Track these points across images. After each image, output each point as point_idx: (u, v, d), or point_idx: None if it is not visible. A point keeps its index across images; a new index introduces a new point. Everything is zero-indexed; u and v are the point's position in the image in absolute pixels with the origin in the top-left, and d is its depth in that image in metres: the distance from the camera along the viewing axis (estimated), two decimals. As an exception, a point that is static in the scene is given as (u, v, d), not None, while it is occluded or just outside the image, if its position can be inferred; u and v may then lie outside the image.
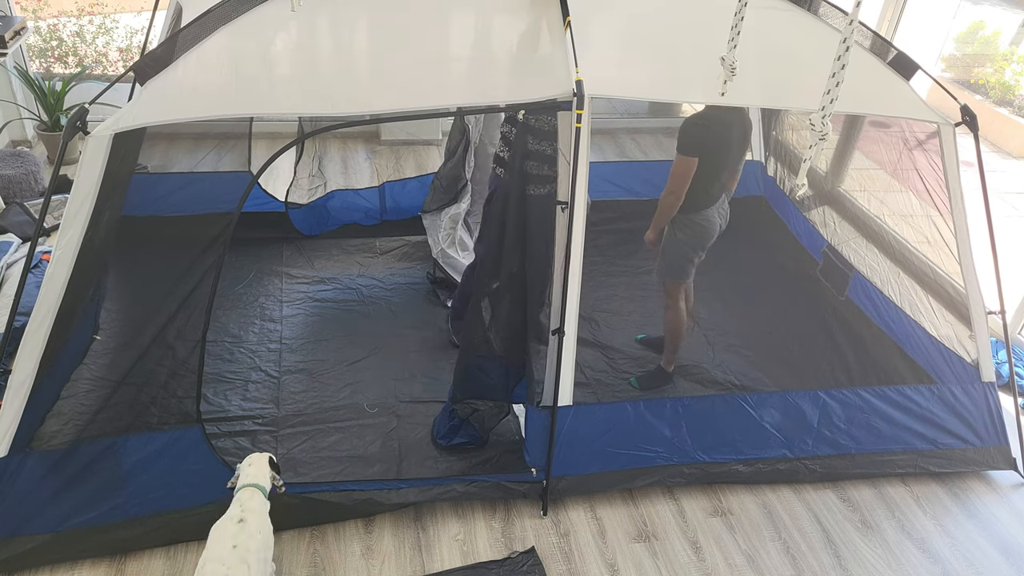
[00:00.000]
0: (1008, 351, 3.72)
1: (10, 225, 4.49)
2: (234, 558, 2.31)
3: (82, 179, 2.54)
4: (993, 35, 7.99)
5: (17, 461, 2.73)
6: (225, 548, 2.34)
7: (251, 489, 2.55)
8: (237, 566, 2.29)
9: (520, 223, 3.01)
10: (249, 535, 2.39)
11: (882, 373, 3.86)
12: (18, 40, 5.05)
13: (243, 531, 2.39)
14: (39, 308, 2.63)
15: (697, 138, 3.30)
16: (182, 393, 2.84)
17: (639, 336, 4.15)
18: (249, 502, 2.51)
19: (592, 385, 3.79)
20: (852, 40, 2.07)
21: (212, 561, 2.31)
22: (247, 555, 2.33)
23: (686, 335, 3.82)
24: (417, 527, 3.15)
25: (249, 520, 2.43)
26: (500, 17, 3.03)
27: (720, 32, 2.77)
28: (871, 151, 4.45)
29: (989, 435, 3.54)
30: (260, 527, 2.46)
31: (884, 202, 4.26)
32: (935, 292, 3.81)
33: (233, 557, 2.31)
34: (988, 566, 3.20)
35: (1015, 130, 7.31)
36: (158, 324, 2.78)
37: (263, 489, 2.58)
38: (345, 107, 2.67)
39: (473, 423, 3.34)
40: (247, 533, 2.39)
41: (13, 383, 2.67)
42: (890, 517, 3.37)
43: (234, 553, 2.32)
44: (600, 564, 3.06)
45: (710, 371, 3.94)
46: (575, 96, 2.74)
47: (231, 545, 2.35)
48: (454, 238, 4.49)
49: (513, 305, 3.12)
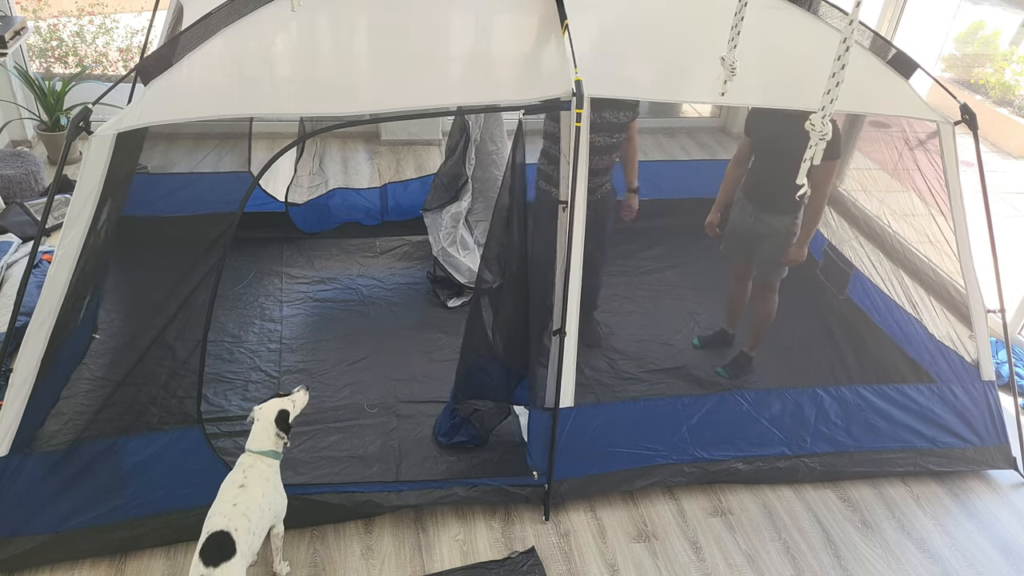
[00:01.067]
0: (1008, 351, 3.72)
1: (10, 225, 4.50)
2: (236, 512, 2.53)
3: (85, 179, 2.54)
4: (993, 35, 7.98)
5: (17, 461, 2.73)
6: (227, 504, 2.56)
7: (253, 455, 2.67)
8: (238, 519, 2.51)
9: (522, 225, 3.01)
10: (251, 497, 2.59)
11: (882, 372, 3.86)
12: (18, 40, 5.05)
13: (244, 494, 2.59)
14: (41, 308, 2.63)
15: (834, 140, 3.32)
16: (182, 393, 2.84)
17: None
18: (251, 469, 2.65)
19: (592, 386, 3.79)
20: (852, 40, 2.07)
21: (216, 515, 2.54)
22: (248, 511, 2.55)
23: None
24: (417, 527, 3.15)
25: (250, 485, 2.61)
26: (500, 17, 3.04)
27: (720, 32, 2.78)
28: (871, 151, 4.45)
29: (989, 434, 3.55)
30: (264, 490, 2.63)
31: (884, 202, 4.26)
32: (935, 291, 3.81)
33: (235, 511, 2.53)
34: (988, 566, 3.20)
35: (1015, 130, 7.31)
36: (159, 324, 2.79)
37: (270, 454, 2.69)
38: (345, 107, 2.67)
39: (474, 423, 3.34)
40: (249, 495, 2.59)
41: (14, 383, 2.67)
42: (890, 517, 3.37)
43: (235, 509, 2.54)
44: (600, 564, 3.06)
45: (710, 371, 3.94)
46: (575, 96, 2.74)
47: (232, 503, 2.56)
48: (455, 237, 4.48)
49: (515, 306, 3.11)
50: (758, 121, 3.59)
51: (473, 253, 4.49)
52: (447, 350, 3.97)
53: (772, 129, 3.49)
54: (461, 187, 4.52)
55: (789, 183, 3.06)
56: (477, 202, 4.67)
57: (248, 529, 2.52)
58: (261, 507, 2.60)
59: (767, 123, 3.52)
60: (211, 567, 2.41)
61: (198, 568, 2.41)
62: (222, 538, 2.46)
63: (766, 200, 3.60)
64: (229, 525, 2.49)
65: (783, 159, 3.26)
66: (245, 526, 2.51)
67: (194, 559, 2.43)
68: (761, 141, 3.58)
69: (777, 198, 3.54)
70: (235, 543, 2.46)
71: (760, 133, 3.57)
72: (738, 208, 3.77)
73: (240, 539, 2.47)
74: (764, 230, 3.65)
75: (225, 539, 2.46)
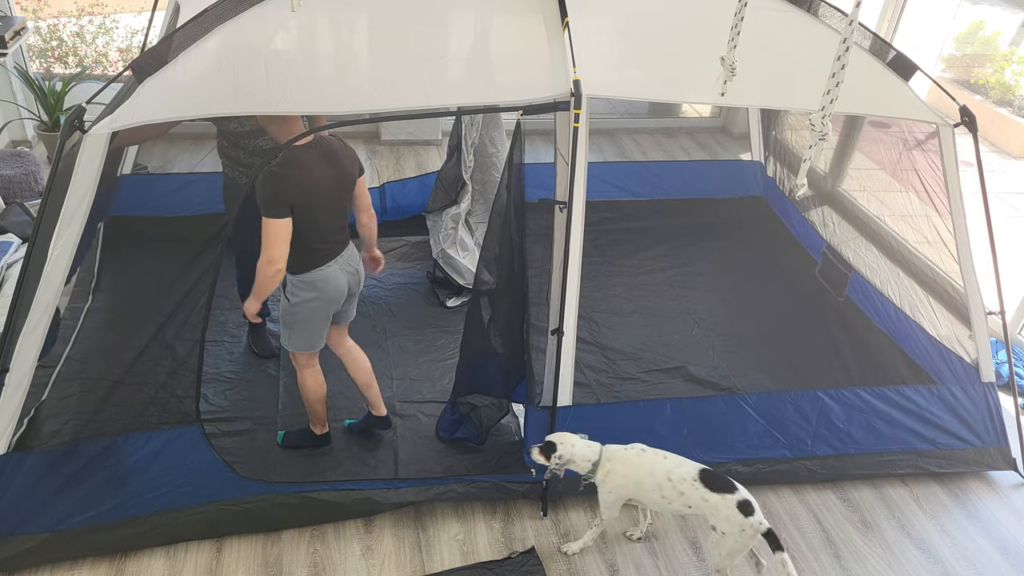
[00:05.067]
0: (1008, 351, 3.71)
1: (10, 225, 4.49)
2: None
3: (80, 178, 2.54)
4: (993, 35, 7.98)
5: (16, 459, 2.73)
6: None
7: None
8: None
9: (520, 224, 3.01)
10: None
11: (881, 373, 3.86)
12: (18, 40, 5.05)
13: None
14: (36, 306, 2.62)
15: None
16: (181, 392, 2.84)
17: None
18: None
19: (592, 385, 3.79)
20: (852, 40, 2.07)
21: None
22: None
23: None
24: (417, 527, 3.14)
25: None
26: (499, 17, 3.03)
27: (720, 32, 2.77)
28: (871, 151, 4.45)
29: (989, 435, 3.54)
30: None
31: (884, 202, 4.26)
32: (935, 292, 3.81)
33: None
34: (988, 566, 3.20)
35: (1015, 130, 7.31)
36: (157, 323, 2.78)
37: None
38: (345, 107, 2.67)
39: (473, 420, 3.34)
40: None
41: (11, 381, 2.67)
42: (890, 517, 3.37)
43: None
44: (600, 564, 3.06)
45: (709, 371, 3.94)
46: (573, 96, 2.74)
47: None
48: (455, 238, 4.48)
49: (513, 305, 3.11)
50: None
51: (472, 254, 4.49)
52: (447, 350, 3.97)
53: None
54: (460, 190, 4.52)
55: None
56: (477, 204, 4.67)
57: None
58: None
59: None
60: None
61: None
62: None
63: None
64: None
65: None
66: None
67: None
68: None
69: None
70: None
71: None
72: None
73: None
74: None
75: None
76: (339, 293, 2.96)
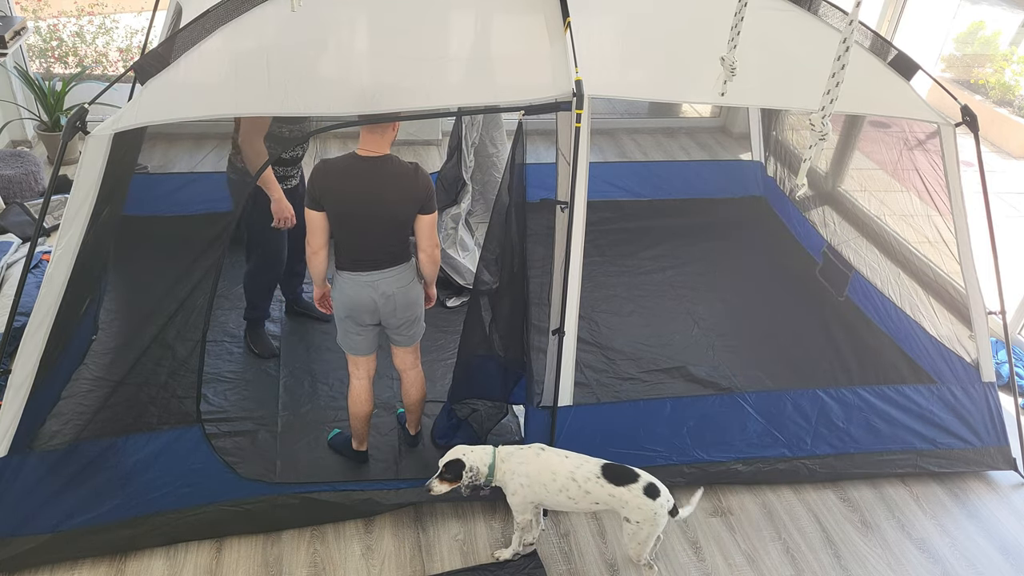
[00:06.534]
0: (1008, 351, 3.71)
1: (10, 225, 4.49)
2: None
3: (82, 179, 2.54)
4: (993, 35, 7.98)
5: (17, 461, 2.73)
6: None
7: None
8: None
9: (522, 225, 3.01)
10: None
11: (882, 373, 3.86)
12: (18, 40, 5.05)
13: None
14: (38, 308, 2.63)
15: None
16: (182, 393, 2.84)
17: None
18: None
19: (592, 385, 3.79)
20: (852, 40, 2.07)
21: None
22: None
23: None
24: (417, 527, 3.15)
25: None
26: (500, 17, 3.03)
27: (720, 32, 2.77)
28: (871, 151, 4.45)
29: (989, 435, 3.54)
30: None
31: (884, 202, 4.26)
32: (935, 292, 3.81)
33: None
34: (988, 566, 3.20)
35: (1015, 130, 7.31)
36: (158, 324, 2.78)
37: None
38: (346, 107, 2.67)
39: (471, 423, 3.34)
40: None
41: (13, 383, 2.67)
42: (890, 517, 3.37)
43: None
44: (600, 564, 3.06)
45: (710, 371, 3.94)
46: (575, 96, 2.74)
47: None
48: (455, 238, 4.48)
49: (513, 305, 3.11)
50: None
51: (472, 255, 4.48)
52: (446, 350, 3.97)
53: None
54: (460, 190, 4.52)
55: None
56: (477, 204, 4.67)
57: None
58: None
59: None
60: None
61: None
62: None
63: None
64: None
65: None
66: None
67: None
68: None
69: None
70: None
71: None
72: None
73: None
74: None
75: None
76: (356, 305, 2.99)
